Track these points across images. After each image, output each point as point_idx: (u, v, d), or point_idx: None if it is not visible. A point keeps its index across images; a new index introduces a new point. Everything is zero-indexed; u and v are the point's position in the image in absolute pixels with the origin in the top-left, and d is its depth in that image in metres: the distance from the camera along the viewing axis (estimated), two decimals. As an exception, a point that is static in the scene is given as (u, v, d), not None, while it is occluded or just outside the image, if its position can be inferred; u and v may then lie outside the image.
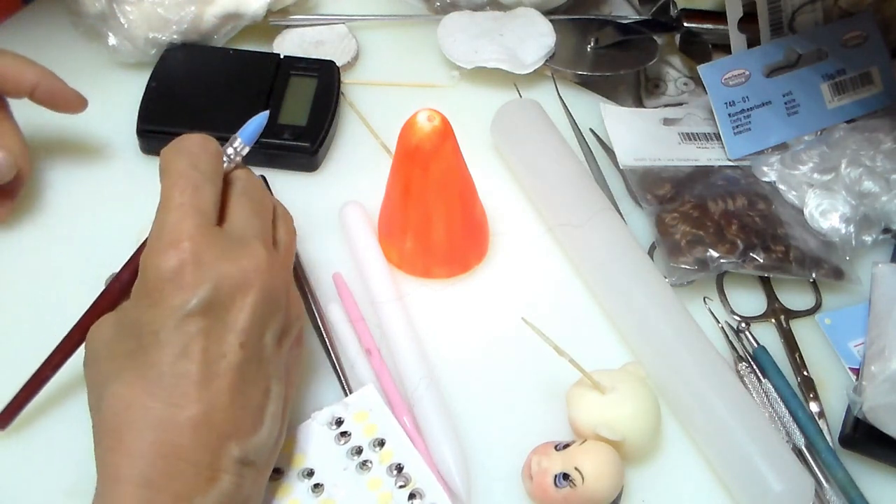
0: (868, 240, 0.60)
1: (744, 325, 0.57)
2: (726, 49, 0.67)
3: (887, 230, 0.61)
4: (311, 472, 0.48)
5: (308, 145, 0.62)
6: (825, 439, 0.52)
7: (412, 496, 0.47)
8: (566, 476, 0.46)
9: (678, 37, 0.72)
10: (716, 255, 0.57)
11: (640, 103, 0.72)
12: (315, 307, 0.55)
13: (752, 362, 0.55)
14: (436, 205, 0.54)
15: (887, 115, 0.65)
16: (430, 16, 0.73)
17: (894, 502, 0.51)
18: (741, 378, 0.54)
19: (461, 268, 0.58)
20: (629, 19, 0.74)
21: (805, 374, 0.55)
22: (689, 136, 0.66)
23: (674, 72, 0.74)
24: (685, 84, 0.73)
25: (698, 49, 0.72)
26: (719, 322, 0.57)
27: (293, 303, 0.47)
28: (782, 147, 0.65)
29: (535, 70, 0.69)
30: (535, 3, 0.72)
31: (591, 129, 0.67)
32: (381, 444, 0.49)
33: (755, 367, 0.55)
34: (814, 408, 0.54)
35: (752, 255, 0.58)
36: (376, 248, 0.58)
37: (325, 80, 0.66)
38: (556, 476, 0.47)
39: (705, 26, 0.72)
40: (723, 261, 0.57)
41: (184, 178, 0.44)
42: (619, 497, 0.48)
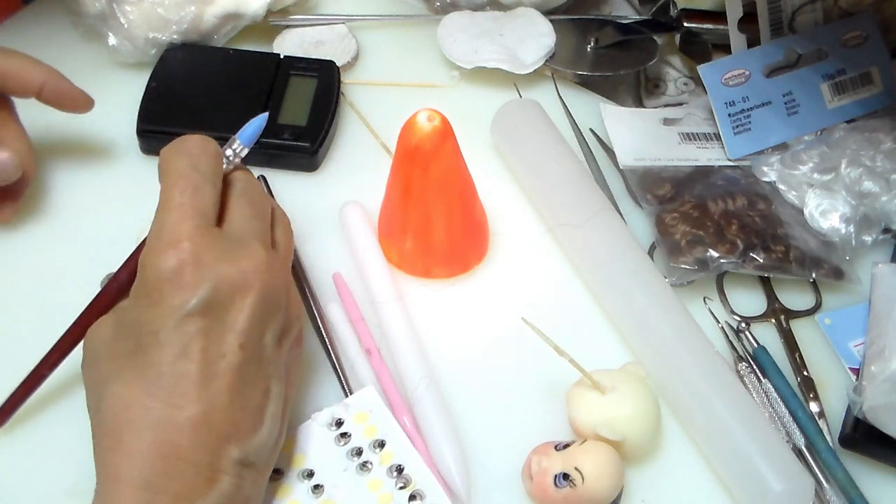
0: (868, 240, 0.60)
1: (744, 325, 0.57)
2: (726, 49, 0.67)
3: (887, 230, 0.61)
4: (311, 473, 0.48)
5: (308, 145, 0.62)
6: (825, 439, 0.52)
7: (412, 497, 0.47)
8: (566, 476, 0.46)
9: (678, 37, 0.72)
10: (716, 255, 0.57)
11: (640, 103, 0.72)
12: (315, 307, 0.55)
13: (752, 362, 0.55)
14: (436, 205, 0.54)
15: (887, 115, 0.65)
16: (430, 16, 0.73)
17: (894, 502, 0.51)
18: (741, 378, 0.54)
19: (461, 268, 0.58)
20: (629, 19, 0.74)
21: (805, 374, 0.55)
22: (689, 136, 0.66)
23: (674, 72, 0.74)
24: (685, 84, 0.73)
25: (698, 49, 0.72)
26: (719, 322, 0.57)
27: (293, 303, 0.47)
28: (782, 147, 0.65)
29: (535, 70, 0.69)
30: (535, 3, 0.72)
31: (591, 129, 0.67)
32: (382, 445, 0.49)
33: (755, 367, 0.55)
34: (814, 408, 0.54)
35: (752, 255, 0.58)
36: (376, 248, 0.58)
37: (325, 80, 0.66)
38: (556, 476, 0.47)
39: (705, 26, 0.72)
40: (723, 261, 0.57)
41: (184, 178, 0.44)
42: (619, 497, 0.48)
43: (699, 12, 0.72)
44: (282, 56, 0.67)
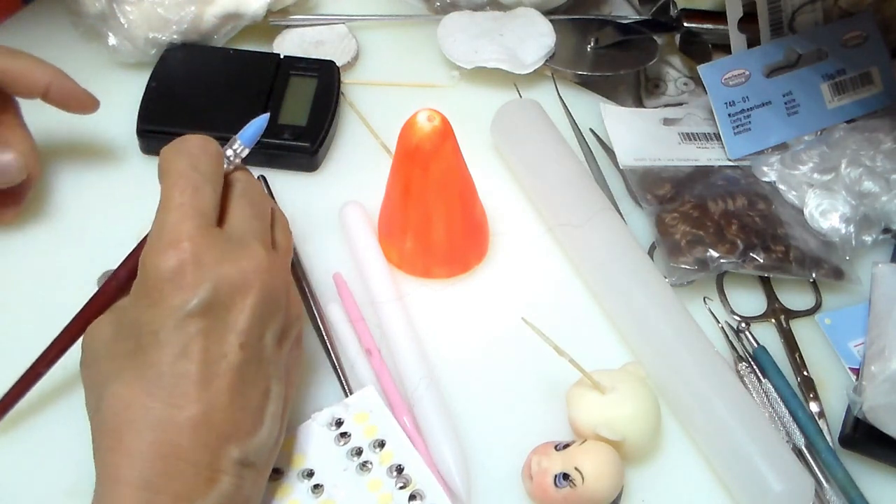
0: (868, 240, 0.60)
1: (744, 325, 0.57)
2: (726, 49, 0.67)
3: (887, 230, 0.61)
4: (310, 473, 0.48)
5: (308, 145, 0.62)
6: (825, 439, 0.52)
7: (412, 497, 0.47)
8: (566, 476, 0.46)
9: (678, 37, 0.72)
10: (716, 255, 0.57)
11: (640, 103, 0.72)
12: (315, 307, 0.55)
13: (752, 362, 0.55)
14: (436, 205, 0.54)
15: (887, 115, 0.65)
16: (430, 16, 0.73)
17: (894, 502, 0.51)
18: (741, 378, 0.54)
19: (461, 268, 0.58)
20: (629, 19, 0.74)
21: (805, 374, 0.55)
22: (689, 136, 0.66)
23: (674, 72, 0.74)
24: (685, 84, 0.73)
25: (698, 49, 0.72)
26: (719, 322, 0.57)
27: (293, 304, 0.47)
28: (782, 147, 0.65)
29: (535, 70, 0.69)
30: (535, 3, 0.72)
31: (591, 129, 0.67)
32: (382, 445, 0.49)
33: (755, 367, 0.55)
34: (814, 408, 0.54)
35: (752, 255, 0.58)
36: (376, 248, 0.58)
37: (325, 80, 0.66)
38: (556, 476, 0.47)
39: (705, 26, 0.72)
40: (723, 261, 0.57)
41: (184, 178, 0.44)
42: (619, 497, 0.48)
43: (699, 12, 0.72)
44: (282, 56, 0.67)
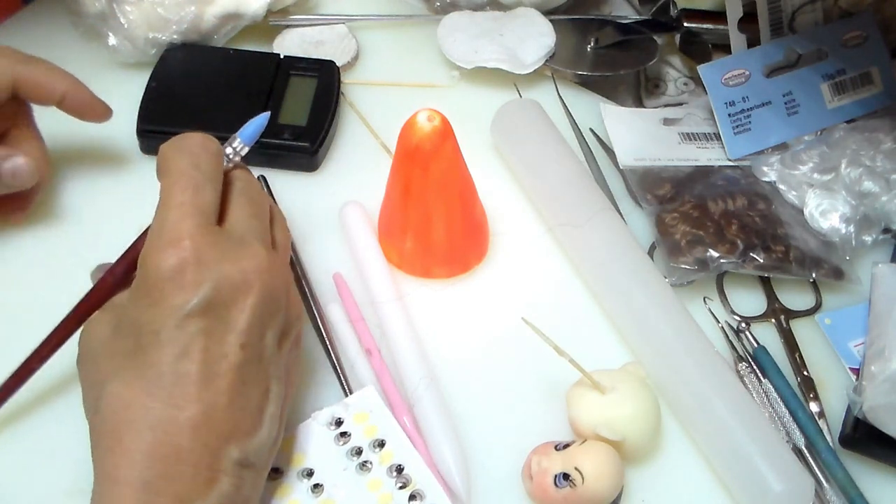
0: (868, 240, 0.60)
1: (744, 325, 0.57)
2: (726, 49, 0.67)
3: (887, 230, 0.61)
4: (310, 473, 0.48)
5: (308, 145, 0.62)
6: (825, 439, 0.52)
7: (412, 497, 0.47)
8: (566, 476, 0.46)
9: (678, 37, 0.72)
10: (716, 255, 0.57)
11: (640, 103, 0.72)
12: (315, 307, 0.55)
13: (752, 362, 0.55)
14: (436, 205, 0.54)
15: (887, 115, 0.65)
16: (430, 16, 0.73)
17: (894, 502, 0.51)
18: (741, 378, 0.54)
19: (461, 268, 0.58)
20: (629, 19, 0.74)
21: (805, 374, 0.55)
22: (689, 136, 0.66)
23: (674, 72, 0.74)
24: (685, 84, 0.73)
25: (698, 49, 0.72)
26: (719, 322, 0.57)
27: (293, 303, 0.47)
28: (782, 147, 0.65)
29: (535, 70, 0.69)
30: (535, 3, 0.72)
31: (591, 129, 0.67)
32: (382, 445, 0.49)
33: (755, 367, 0.55)
34: (814, 408, 0.54)
35: (752, 255, 0.58)
36: (376, 248, 0.58)
37: (325, 80, 0.66)
38: (556, 476, 0.47)
39: (705, 26, 0.72)
40: (723, 261, 0.57)
41: (185, 177, 0.44)
42: (619, 497, 0.48)
43: (699, 12, 0.73)
44: (282, 56, 0.67)
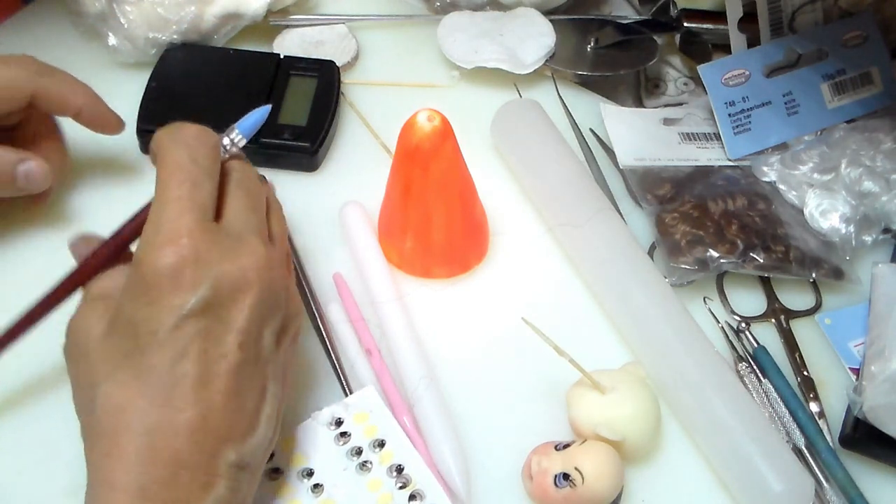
0: (868, 240, 0.60)
1: (744, 325, 0.57)
2: (726, 49, 0.67)
3: (887, 230, 0.61)
4: (310, 473, 0.48)
5: (308, 145, 0.62)
6: (825, 439, 0.52)
7: (412, 497, 0.47)
8: (566, 476, 0.46)
9: (678, 37, 0.72)
10: (716, 255, 0.57)
11: (640, 103, 0.72)
12: (315, 307, 0.55)
13: (752, 362, 0.55)
14: (436, 205, 0.54)
15: (887, 115, 0.65)
16: (430, 16, 0.73)
17: (894, 502, 0.51)
18: (741, 378, 0.54)
19: (461, 268, 0.58)
20: (629, 19, 0.74)
21: (805, 374, 0.55)
22: (689, 136, 0.66)
23: (674, 72, 0.74)
24: (685, 84, 0.73)
25: (698, 49, 0.72)
26: (719, 322, 0.57)
27: (292, 299, 0.46)
28: (782, 147, 0.65)
29: (535, 70, 0.69)
30: (535, 3, 0.72)
31: (591, 129, 0.67)
32: (382, 445, 0.49)
33: (755, 367, 0.55)
34: (814, 408, 0.54)
35: (752, 255, 0.58)
36: (376, 248, 0.58)
37: (325, 80, 0.66)
38: (556, 476, 0.47)
39: (705, 26, 0.72)
40: (723, 261, 0.57)
41: (182, 170, 0.43)
42: (619, 497, 0.48)
43: (699, 12, 0.72)
44: (282, 56, 0.67)
